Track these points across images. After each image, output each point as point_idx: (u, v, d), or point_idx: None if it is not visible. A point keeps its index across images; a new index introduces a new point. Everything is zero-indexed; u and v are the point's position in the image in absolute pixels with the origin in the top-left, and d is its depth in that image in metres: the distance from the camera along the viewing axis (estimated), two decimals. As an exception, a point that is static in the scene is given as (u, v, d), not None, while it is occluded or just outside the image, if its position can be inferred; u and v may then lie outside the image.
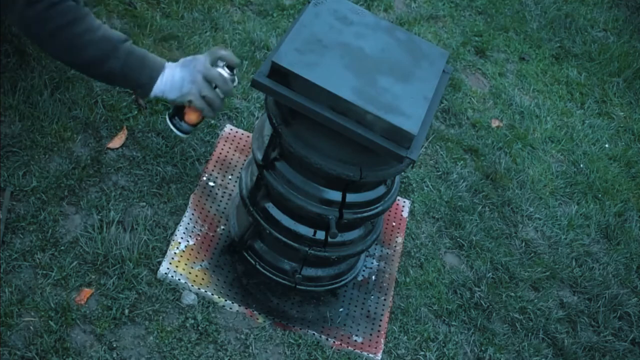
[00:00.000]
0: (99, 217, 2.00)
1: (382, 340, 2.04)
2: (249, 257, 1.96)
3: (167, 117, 1.81)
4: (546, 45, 3.45)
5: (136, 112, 2.28)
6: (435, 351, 2.08)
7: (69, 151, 2.10)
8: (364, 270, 2.18)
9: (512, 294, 2.32)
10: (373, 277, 2.18)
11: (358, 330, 2.04)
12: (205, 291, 1.95)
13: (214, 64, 1.75)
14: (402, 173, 2.10)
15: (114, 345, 1.79)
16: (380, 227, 1.97)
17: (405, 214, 2.38)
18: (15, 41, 2.21)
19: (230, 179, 2.24)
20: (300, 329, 1.98)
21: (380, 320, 2.08)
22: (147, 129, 2.25)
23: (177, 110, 1.79)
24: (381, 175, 1.68)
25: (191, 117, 1.79)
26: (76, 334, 1.79)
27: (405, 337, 2.08)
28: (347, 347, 1.99)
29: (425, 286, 2.22)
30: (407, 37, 1.76)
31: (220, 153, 2.29)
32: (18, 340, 1.73)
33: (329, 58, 1.60)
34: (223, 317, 1.94)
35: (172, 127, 1.81)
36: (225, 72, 1.75)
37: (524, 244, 2.49)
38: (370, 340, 2.03)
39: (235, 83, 1.80)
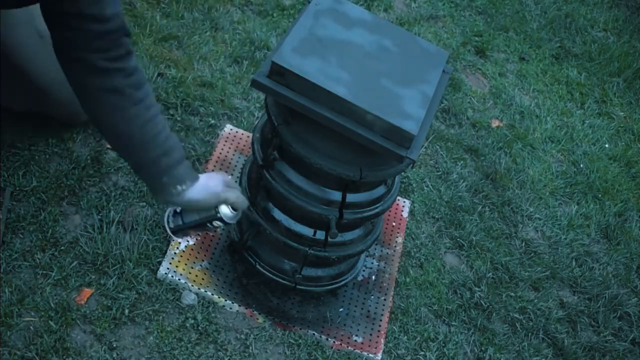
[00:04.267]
0: (99, 217, 2.00)
1: (382, 340, 2.04)
2: (249, 257, 1.96)
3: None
4: (546, 45, 3.45)
5: (136, 112, 2.27)
6: (435, 351, 2.08)
7: (69, 151, 2.10)
8: (364, 270, 2.18)
9: (512, 294, 2.32)
10: (373, 277, 2.18)
11: (358, 330, 2.04)
12: (205, 291, 1.95)
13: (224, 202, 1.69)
14: (402, 173, 2.10)
15: (114, 345, 1.79)
16: (380, 227, 1.97)
17: (405, 214, 2.38)
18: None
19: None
20: (300, 329, 1.98)
21: (380, 320, 2.08)
22: (147, 129, 2.24)
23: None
24: (381, 175, 1.68)
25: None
26: (76, 334, 1.79)
27: (405, 337, 2.08)
28: (347, 347, 1.99)
29: (425, 286, 2.22)
30: (407, 37, 1.76)
31: (220, 153, 2.29)
32: (18, 340, 1.73)
33: (329, 58, 1.60)
34: (223, 317, 1.94)
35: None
36: (228, 210, 1.70)
37: (524, 244, 2.49)
38: (370, 340, 2.03)
39: (233, 222, 1.75)
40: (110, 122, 1.57)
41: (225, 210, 1.68)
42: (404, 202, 2.42)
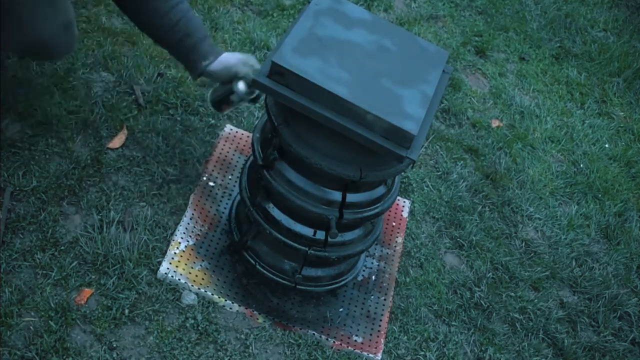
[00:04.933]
0: (99, 217, 2.00)
1: (382, 340, 2.04)
2: (249, 257, 1.96)
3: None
4: (546, 45, 3.45)
5: (136, 112, 2.28)
6: (435, 351, 2.08)
7: (69, 151, 2.10)
8: (364, 270, 2.18)
9: (512, 294, 2.32)
10: (373, 277, 2.18)
11: (358, 330, 2.04)
12: (205, 291, 1.95)
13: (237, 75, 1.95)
14: (402, 173, 2.10)
15: (114, 345, 1.79)
16: (380, 227, 1.97)
17: (405, 214, 2.38)
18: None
19: (230, 179, 2.24)
20: (300, 329, 1.98)
21: (380, 320, 2.08)
22: (147, 129, 2.25)
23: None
24: (381, 175, 1.68)
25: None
26: (76, 334, 1.79)
27: (405, 337, 2.08)
28: (347, 347, 1.99)
29: (425, 286, 2.22)
30: (407, 37, 1.76)
31: (220, 153, 2.29)
32: (18, 340, 1.73)
33: (329, 58, 1.60)
34: (223, 317, 1.94)
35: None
36: (243, 86, 1.94)
37: (524, 244, 2.49)
38: (370, 340, 2.03)
39: (245, 96, 1.97)
40: (141, 18, 1.93)
41: (240, 85, 1.90)
42: (404, 202, 2.41)
